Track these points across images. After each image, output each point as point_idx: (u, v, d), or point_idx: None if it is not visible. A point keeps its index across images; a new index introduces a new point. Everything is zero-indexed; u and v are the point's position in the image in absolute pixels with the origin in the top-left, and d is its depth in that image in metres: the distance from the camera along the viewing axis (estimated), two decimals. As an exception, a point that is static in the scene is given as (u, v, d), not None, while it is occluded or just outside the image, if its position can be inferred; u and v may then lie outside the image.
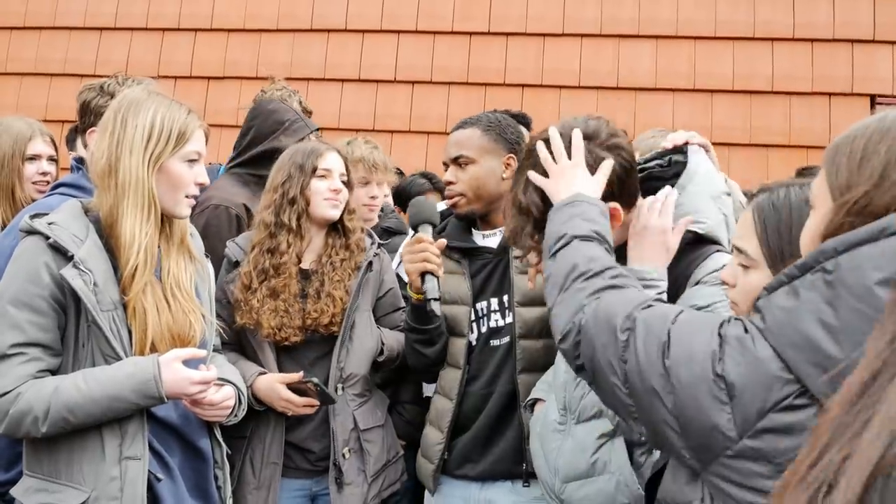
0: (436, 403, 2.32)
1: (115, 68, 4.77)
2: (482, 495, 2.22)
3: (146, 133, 1.81)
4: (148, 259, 1.80)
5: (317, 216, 2.34)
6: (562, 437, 1.89)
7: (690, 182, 1.91)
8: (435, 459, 2.26)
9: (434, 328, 2.23)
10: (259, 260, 2.27)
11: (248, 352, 2.33)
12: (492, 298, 2.26)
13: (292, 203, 2.29)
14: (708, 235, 1.85)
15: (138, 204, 1.80)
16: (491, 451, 2.20)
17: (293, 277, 2.28)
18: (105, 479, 1.72)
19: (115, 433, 1.76)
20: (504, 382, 2.20)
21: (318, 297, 2.29)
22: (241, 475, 2.25)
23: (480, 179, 2.26)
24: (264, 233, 2.30)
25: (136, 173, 1.80)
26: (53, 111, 4.74)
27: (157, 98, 1.86)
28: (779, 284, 1.12)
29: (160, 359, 1.75)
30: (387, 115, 4.60)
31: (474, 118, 2.34)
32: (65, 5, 4.90)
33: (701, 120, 4.29)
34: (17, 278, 1.74)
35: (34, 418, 1.69)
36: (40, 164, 2.86)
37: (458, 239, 2.32)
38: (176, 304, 1.85)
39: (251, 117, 2.85)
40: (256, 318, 2.23)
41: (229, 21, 4.77)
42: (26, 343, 1.72)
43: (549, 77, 4.47)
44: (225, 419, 1.96)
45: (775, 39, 4.30)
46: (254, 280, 2.26)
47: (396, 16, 4.66)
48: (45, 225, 1.76)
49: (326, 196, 2.32)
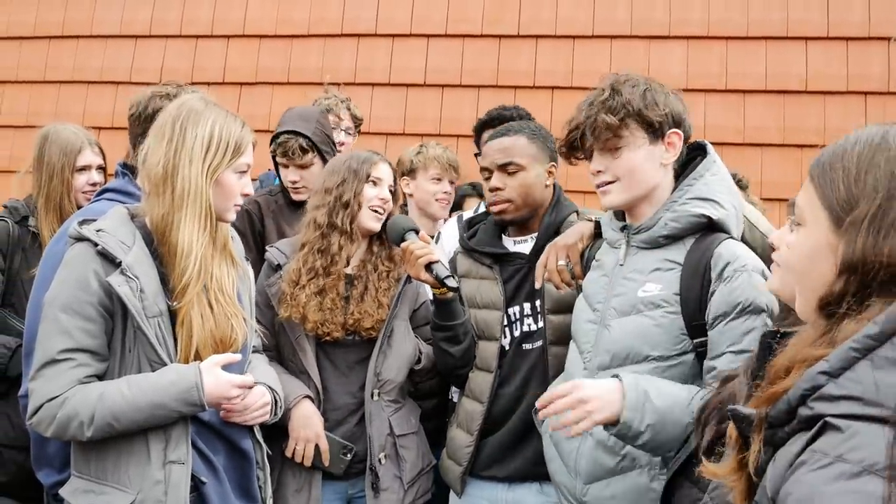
0: (464, 406, 2.33)
1: (150, 76, 4.86)
2: (510, 496, 2.24)
3: (205, 144, 1.83)
4: (202, 269, 1.83)
5: (361, 225, 2.38)
6: (581, 438, 1.87)
7: (708, 171, 1.93)
8: (463, 462, 2.27)
9: (458, 324, 2.25)
10: (309, 258, 2.32)
11: (287, 351, 2.36)
12: (525, 303, 2.28)
13: (346, 206, 2.34)
14: (720, 223, 1.85)
15: (196, 214, 1.82)
16: (521, 452, 2.21)
17: (340, 279, 2.32)
18: (150, 483, 1.76)
19: (160, 437, 1.79)
20: (536, 386, 2.21)
21: (362, 299, 2.32)
22: (281, 477, 2.28)
23: (530, 186, 2.28)
24: (316, 233, 2.34)
25: (196, 183, 1.81)
26: (91, 119, 4.82)
27: (215, 109, 1.89)
28: (847, 364, 0.90)
29: (201, 366, 1.79)
30: (417, 118, 4.62)
31: (515, 126, 2.36)
32: (101, 14, 4.99)
33: (734, 121, 4.25)
34: (66, 285, 1.78)
35: (80, 423, 1.73)
36: (90, 175, 2.87)
37: (490, 245, 2.35)
38: (219, 308, 1.87)
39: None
40: (303, 313, 2.27)
41: (261, 27, 4.82)
42: (75, 349, 1.75)
43: (580, 79, 4.44)
44: (264, 420, 1.98)
45: (809, 38, 4.24)
46: (303, 276, 2.30)
47: (426, 19, 4.67)
48: (94, 232, 1.80)
49: (373, 204, 2.37)
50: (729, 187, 1.94)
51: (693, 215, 1.84)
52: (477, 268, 2.36)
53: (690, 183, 1.90)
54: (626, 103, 1.84)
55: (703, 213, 1.84)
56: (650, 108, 1.84)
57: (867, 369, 0.89)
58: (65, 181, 2.80)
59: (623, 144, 1.86)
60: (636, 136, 1.86)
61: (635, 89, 1.86)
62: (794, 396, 0.93)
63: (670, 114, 1.87)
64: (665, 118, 1.86)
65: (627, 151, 1.87)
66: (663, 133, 1.87)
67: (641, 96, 1.85)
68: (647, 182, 1.89)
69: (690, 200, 1.87)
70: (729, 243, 1.82)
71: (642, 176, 1.89)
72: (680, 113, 1.90)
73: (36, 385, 1.77)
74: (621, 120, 1.84)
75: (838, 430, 0.86)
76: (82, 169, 2.86)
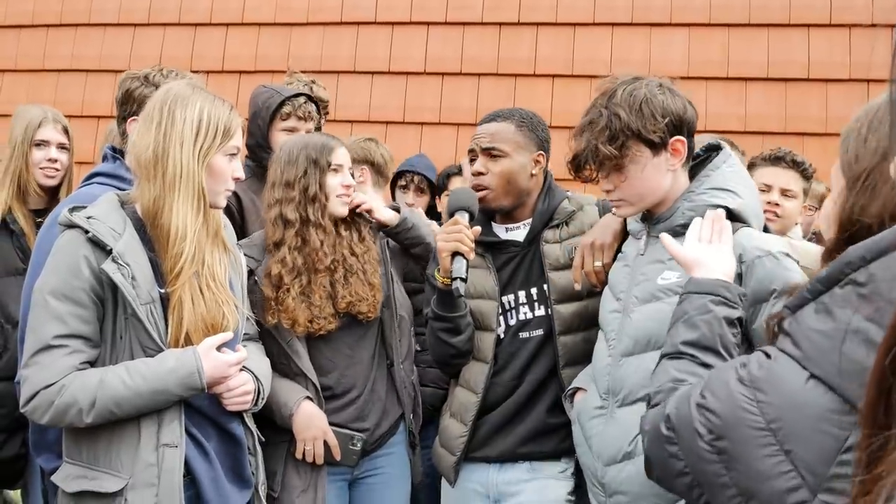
0: (458, 396, 2.32)
1: (148, 64, 4.79)
2: (500, 478, 2.24)
3: (195, 127, 1.82)
4: (196, 251, 1.83)
5: (332, 214, 2.34)
6: (603, 422, 1.92)
7: (724, 163, 1.96)
8: (457, 452, 2.27)
9: (460, 315, 2.22)
10: (288, 259, 2.26)
11: (278, 356, 2.28)
12: (519, 291, 2.26)
13: (314, 200, 2.28)
14: (737, 212, 1.86)
15: (189, 196, 1.82)
16: (513, 432, 2.22)
17: (324, 271, 2.29)
18: (142, 466, 1.76)
19: (153, 421, 1.79)
20: (535, 374, 2.21)
21: (347, 282, 2.30)
22: (286, 478, 2.25)
23: (512, 174, 2.25)
24: (289, 230, 2.28)
25: (188, 166, 1.81)
26: (90, 107, 4.83)
27: (202, 93, 1.88)
28: (802, 302, 1.00)
29: (198, 350, 1.80)
30: (417, 107, 4.60)
31: (506, 112, 2.33)
32: (100, 2, 4.98)
33: (735, 109, 4.22)
34: (57, 271, 1.78)
35: (78, 410, 1.73)
36: (48, 151, 2.91)
37: (482, 233, 2.32)
38: (210, 294, 1.87)
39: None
40: (293, 317, 2.24)
41: (260, 15, 4.81)
42: (68, 335, 1.75)
43: (581, 67, 4.43)
44: (248, 407, 1.97)
45: (811, 25, 4.21)
46: (285, 278, 2.26)
47: (426, 7, 4.65)
48: (84, 219, 1.80)
49: (339, 192, 2.33)
50: (745, 179, 1.95)
51: (710, 205, 1.86)
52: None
53: (707, 174, 1.93)
54: (623, 128, 1.84)
55: (720, 202, 1.85)
56: (648, 125, 1.85)
57: (809, 313, 0.99)
58: (24, 154, 2.87)
59: (626, 164, 1.88)
60: (638, 155, 1.88)
61: (632, 104, 1.86)
62: (771, 323, 1.08)
63: (670, 122, 1.87)
64: (665, 130, 1.87)
65: (632, 169, 1.89)
66: (665, 143, 1.89)
67: (638, 113, 1.85)
68: (656, 192, 1.93)
69: (708, 190, 1.89)
70: (746, 231, 1.82)
71: (651, 188, 1.92)
72: (681, 114, 1.89)
73: (30, 372, 1.76)
74: (621, 146, 1.85)
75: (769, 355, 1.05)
76: (40, 144, 2.91)
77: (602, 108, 1.89)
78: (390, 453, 2.42)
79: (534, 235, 2.27)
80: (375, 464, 2.39)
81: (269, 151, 2.70)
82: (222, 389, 1.89)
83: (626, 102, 1.86)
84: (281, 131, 2.76)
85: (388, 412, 2.40)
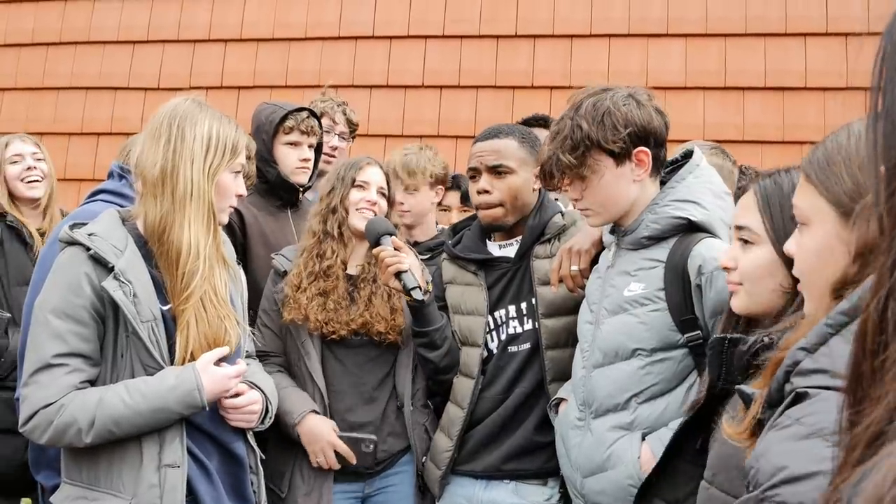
0: (448, 412, 2.35)
1: (148, 81, 4.86)
2: (485, 495, 2.24)
3: (205, 144, 1.83)
4: (208, 269, 1.83)
5: (352, 226, 2.39)
6: (581, 433, 1.96)
7: (691, 173, 1.99)
8: (442, 466, 2.29)
9: (433, 329, 2.26)
10: (308, 263, 2.35)
11: (293, 356, 2.37)
12: (510, 306, 2.29)
13: (334, 212, 2.38)
14: (701, 224, 1.89)
15: (200, 213, 1.82)
16: (498, 447, 2.23)
17: (340, 280, 2.35)
18: (144, 487, 1.75)
19: (154, 441, 1.78)
20: (522, 387, 2.23)
21: (370, 301, 2.34)
22: (292, 481, 2.29)
23: (519, 190, 2.27)
24: (312, 239, 2.39)
25: (198, 183, 1.81)
26: (89, 124, 4.83)
27: (209, 110, 1.89)
28: (822, 340, 0.93)
29: (196, 366, 1.78)
30: (415, 120, 4.61)
31: (505, 128, 2.35)
32: (99, 20, 5.00)
33: (733, 118, 4.23)
34: (58, 288, 1.77)
35: (78, 430, 1.72)
36: (24, 162, 2.99)
37: (475, 251, 2.35)
38: (212, 310, 1.86)
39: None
40: (304, 314, 2.29)
41: (258, 31, 4.82)
42: (68, 353, 1.74)
43: (578, 79, 4.42)
44: (253, 425, 1.97)
45: (808, 35, 4.23)
46: (303, 280, 2.33)
47: (423, 21, 4.67)
48: (85, 236, 1.79)
49: (360, 206, 2.38)
50: (713, 189, 1.98)
51: (672, 217, 1.91)
52: (462, 274, 2.37)
53: (672, 185, 1.97)
54: (584, 138, 1.88)
55: (682, 214, 1.90)
56: (610, 136, 1.88)
57: (840, 344, 0.91)
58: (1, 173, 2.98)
59: (588, 173, 1.92)
60: (600, 165, 1.92)
61: (595, 115, 1.89)
62: (781, 374, 0.97)
63: (633, 133, 1.90)
64: (626, 140, 1.89)
65: (595, 179, 1.92)
66: (629, 154, 1.91)
67: (600, 124, 1.88)
68: (621, 202, 1.96)
69: (671, 203, 1.93)
70: (707, 242, 1.85)
71: (615, 198, 1.95)
72: (645, 125, 1.92)
73: (29, 391, 1.75)
74: (581, 156, 1.89)
75: (807, 396, 0.91)
76: (14, 161, 2.99)
77: (568, 118, 1.93)
78: (402, 472, 2.42)
79: (525, 251, 2.29)
80: (388, 481, 2.40)
81: (272, 166, 2.74)
82: (228, 404, 1.88)
83: (589, 114, 1.90)
84: (284, 145, 2.77)
85: (397, 437, 2.39)
